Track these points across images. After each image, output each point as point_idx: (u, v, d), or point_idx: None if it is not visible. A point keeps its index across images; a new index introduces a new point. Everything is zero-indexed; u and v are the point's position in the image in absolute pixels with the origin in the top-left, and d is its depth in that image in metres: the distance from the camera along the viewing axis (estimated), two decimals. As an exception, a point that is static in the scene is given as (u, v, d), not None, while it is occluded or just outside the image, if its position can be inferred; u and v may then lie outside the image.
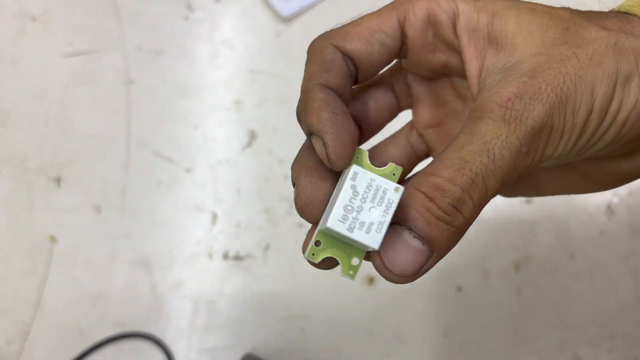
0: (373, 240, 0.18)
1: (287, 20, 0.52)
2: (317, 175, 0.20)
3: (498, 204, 0.31)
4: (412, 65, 0.24)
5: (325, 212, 0.20)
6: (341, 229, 0.18)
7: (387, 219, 0.18)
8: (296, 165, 0.21)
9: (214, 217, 0.46)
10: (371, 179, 0.18)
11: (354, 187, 0.18)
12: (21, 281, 0.44)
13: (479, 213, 0.19)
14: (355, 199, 0.18)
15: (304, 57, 0.22)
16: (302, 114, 0.20)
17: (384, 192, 0.18)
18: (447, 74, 0.25)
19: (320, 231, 0.19)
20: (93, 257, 0.45)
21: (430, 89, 0.26)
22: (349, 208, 0.18)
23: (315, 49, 0.22)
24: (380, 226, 0.18)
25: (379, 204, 0.18)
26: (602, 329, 0.44)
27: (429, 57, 0.24)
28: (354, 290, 0.44)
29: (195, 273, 0.45)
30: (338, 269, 0.20)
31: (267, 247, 0.45)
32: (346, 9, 0.51)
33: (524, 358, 0.43)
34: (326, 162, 0.20)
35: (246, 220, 0.46)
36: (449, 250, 0.19)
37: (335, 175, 0.21)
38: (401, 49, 0.23)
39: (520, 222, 0.46)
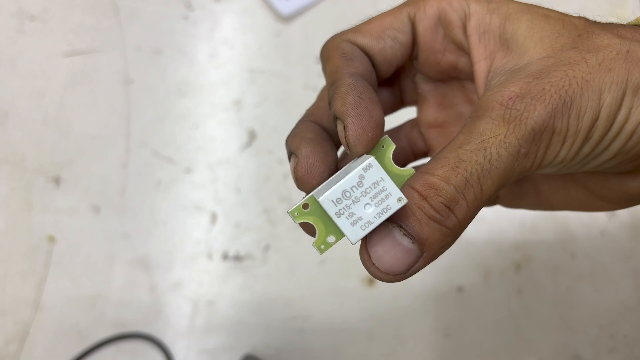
0: (354, 234, 0.18)
1: (286, 19, 0.51)
2: (319, 146, 0.20)
3: (498, 204, 0.31)
4: (422, 65, 0.24)
5: (323, 184, 0.19)
6: (330, 210, 0.18)
7: (377, 222, 0.18)
8: (295, 137, 0.21)
9: (214, 217, 0.46)
10: (382, 178, 0.18)
11: (361, 177, 0.18)
12: (20, 281, 0.44)
13: (474, 216, 0.18)
14: (356, 189, 0.18)
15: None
16: (331, 100, 0.20)
17: (387, 196, 0.18)
18: (457, 77, 0.25)
19: (312, 197, 0.19)
20: (92, 258, 0.44)
21: (438, 89, 0.26)
22: (347, 194, 0.18)
23: (330, 47, 0.22)
24: (367, 225, 0.18)
25: (377, 205, 0.18)
26: (602, 329, 0.44)
27: (438, 57, 0.24)
28: (354, 290, 0.44)
29: (195, 273, 0.44)
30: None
31: (266, 248, 0.45)
32: (346, 8, 0.51)
33: (524, 358, 0.43)
34: (345, 147, 0.19)
35: (246, 220, 0.46)
36: (440, 253, 0.19)
37: (335, 150, 0.20)
38: (414, 46, 0.23)
39: (521, 222, 0.46)
